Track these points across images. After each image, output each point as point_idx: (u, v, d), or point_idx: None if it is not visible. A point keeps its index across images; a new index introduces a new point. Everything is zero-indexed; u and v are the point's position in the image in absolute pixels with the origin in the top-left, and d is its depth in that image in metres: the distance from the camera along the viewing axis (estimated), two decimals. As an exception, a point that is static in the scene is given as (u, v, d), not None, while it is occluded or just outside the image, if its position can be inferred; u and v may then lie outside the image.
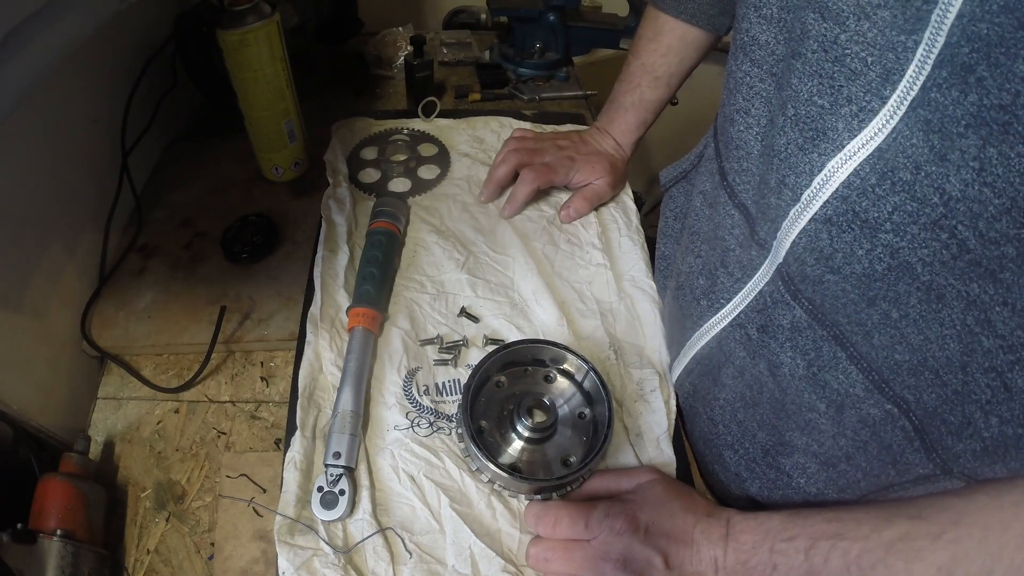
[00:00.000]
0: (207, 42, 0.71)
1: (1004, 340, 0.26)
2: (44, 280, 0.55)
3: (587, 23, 0.92)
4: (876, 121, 0.27)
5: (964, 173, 0.24)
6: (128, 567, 0.46)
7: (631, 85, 0.67)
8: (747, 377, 0.40)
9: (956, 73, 0.24)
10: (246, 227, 0.66)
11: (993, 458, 0.30)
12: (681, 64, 0.63)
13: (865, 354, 0.32)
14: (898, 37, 0.25)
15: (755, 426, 0.42)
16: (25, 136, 0.53)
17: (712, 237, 0.41)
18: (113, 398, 0.55)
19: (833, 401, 0.35)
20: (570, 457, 0.47)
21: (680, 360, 0.48)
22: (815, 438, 0.38)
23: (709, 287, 0.41)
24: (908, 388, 0.31)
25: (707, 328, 0.43)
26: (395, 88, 0.92)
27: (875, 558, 0.35)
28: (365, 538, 0.44)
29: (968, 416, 0.29)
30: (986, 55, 0.22)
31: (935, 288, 0.27)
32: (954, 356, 0.28)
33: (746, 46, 0.35)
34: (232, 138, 0.75)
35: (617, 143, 0.70)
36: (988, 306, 0.26)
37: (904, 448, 0.33)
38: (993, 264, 0.25)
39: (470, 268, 0.62)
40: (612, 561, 0.40)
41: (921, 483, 0.35)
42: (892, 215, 0.28)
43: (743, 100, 0.36)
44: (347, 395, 0.50)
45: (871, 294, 0.30)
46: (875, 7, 0.26)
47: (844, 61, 0.28)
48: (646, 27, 0.64)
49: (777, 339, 0.36)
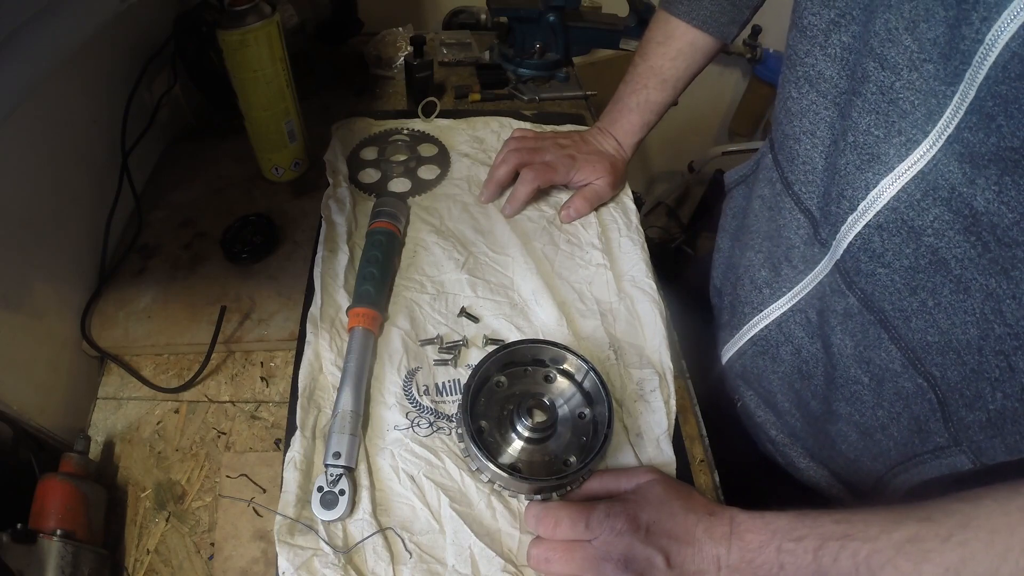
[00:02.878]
0: (207, 42, 0.71)
1: (1011, 328, 0.33)
2: (44, 280, 0.55)
3: (587, 23, 0.92)
4: (919, 149, 0.34)
5: (987, 193, 0.32)
6: (128, 567, 0.46)
7: (637, 86, 0.67)
8: (804, 354, 0.47)
9: (982, 120, 0.30)
10: (246, 227, 0.66)
11: (994, 430, 0.36)
12: (688, 69, 0.65)
13: (904, 336, 0.38)
14: (940, 87, 0.32)
15: (808, 395, 0.48)
16: (25, 136, 0.53)
17: (776, 235, 0.47)
18: (113, 398, 0.55)
19: (875, 375, 0.41)
20: (570, 457, 0.47)
21: (734, 343, 0.53)
22: (857, 408, 0.44)
23: (772, 278, 0.48)
24: (936, 365, 0.38)
25: (768, 312, 0.49)
26: (395, 88, 0.92)
27: (884, 559, 0.35)
28: (365, 538, 0.44)
29: (979, 391, 0.36)
30: (1004, 109, 0.29)
31: (963, 281, 0.34)
32: (973, 340, 0.35)
33: (812, 79, 0.42)
34: (232, 138, 0.75)
35: (619, 143, 0.70)
36: (1001, 299, 0.33)
37: (928, 418, 0.39)
38: (1007, 263, 0.32)
39: (470, 268, 0.62)
40: (613, 561, 0.40)
41: (937, 455, 0.40)
42: (933, 223, 0.35)
43: (809, 124, 0.43)
44: (347, 395, 0.50)
45: (913, 284, 0.37)
46: (923, 61, 0.33)
47: (897, 103, 0.35)
48: (656, 31, 0.65)
49: (831, 322, 0.43)
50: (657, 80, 0.66)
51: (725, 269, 0.59)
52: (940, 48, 0.31)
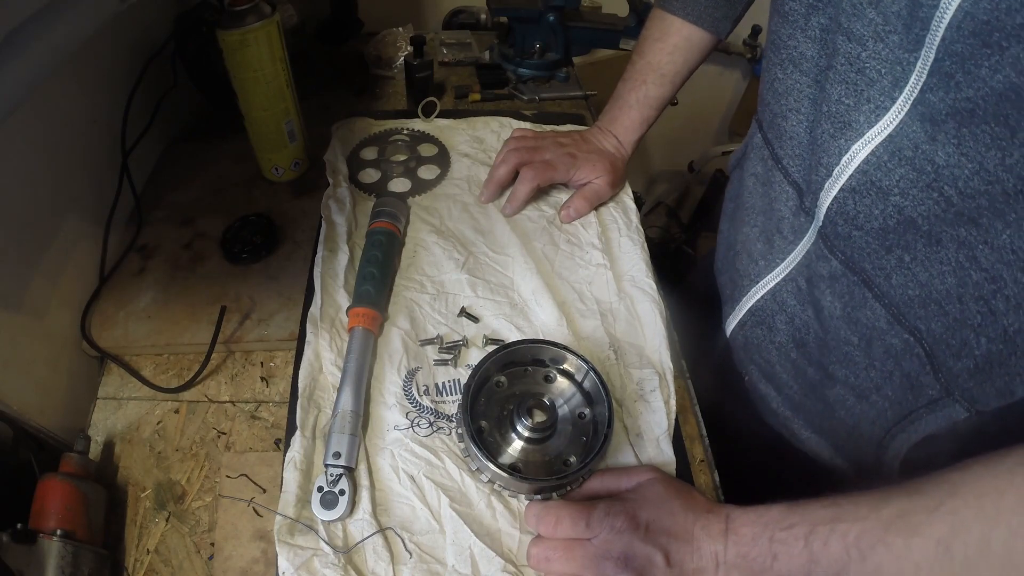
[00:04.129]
0: (207, 42, 0.71)
1: (987, 273, 0.35)
2: (44, 280, 0.55)
3: (587, 23, 0.92)
4: (888, 115, 0.36)
5: (947, 148, 0.34)
6: (128, 567, 0.46)
7: (636, 82, 0.68)
8: (796, 322, 0.49)
9: (942, 79, 0.32)
10: (246, 227, 0.66)
11: (983, 376, 0.38)
12: (686, 63, 0.66)
13: (886, 292, 0.40)
14: (903, 55, 0.34)
15: (804, 363, 0.50)
16: (25, 136, 0.53)
17: (768, 209, 0.49)
18: (113, 398, 0.55)
19: (864, 335, 0.43)
20: (570, 457, 0.47)
21: (735, 315, 0.56)
22: (852, 370, 0.46)
23: (767, 250, 0.50)
24: (919, 319, 0.39)
25: (764, 283, 0.51)
26: (395, 88, 0.92)
27: (874, 538, 0.35)
28: (365, 538, 0.44)
29: (964, 339, 0.37)
30: (961, 65, 0.31)
31: (934, 235, 0.36)
32: (952, 289, 0.37)
33: (795, 60, 0.44)
34: (232, 138, 0.75)
35: (619, 141, 0.70)
36: (974, 245, 0.34)
37: (919, 373, 0.41)
38: (973, 212, 0.34)
39: (470, 268, 0.62)
40: (613, 560, 0.40)
41: (932, 409, 0.41)
42: (899, 183, 0.37)
43: (794, 101, 0.45)
44: (347, 395, 0.50)
45: (887, 243, 0.39)
46: (887, 32, 0.35)
47: (865, 72, 0.37)
48: (652, 28, 0.67)
49: (819, 287, 0.45)
50: (656, 75, 0.67)
51: (726, 249, 0.61)
52: (903, 19, 0.33)
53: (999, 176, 0.32)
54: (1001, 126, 0.31)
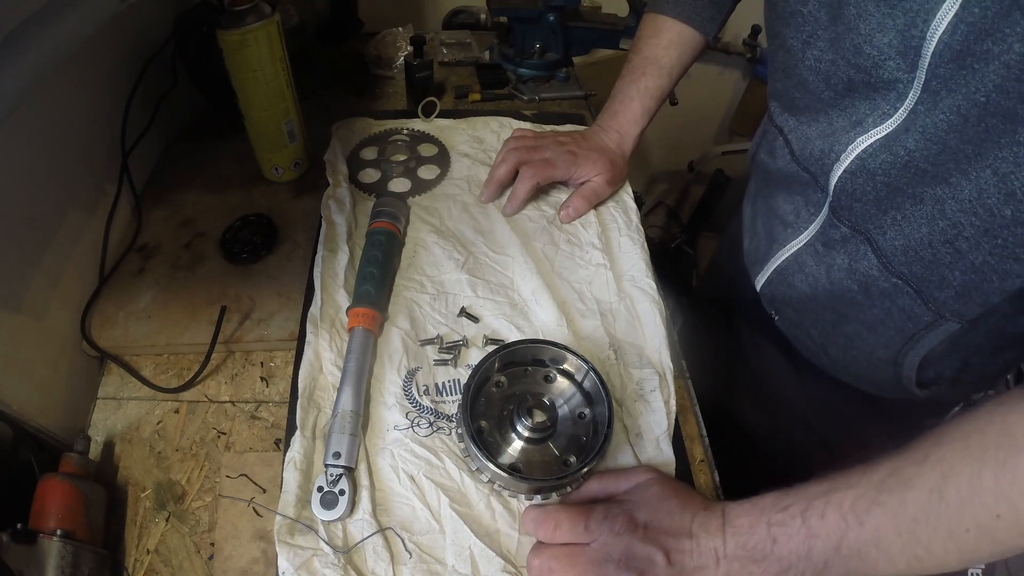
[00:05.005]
0: (207, 42, 0.71)
1: (950, 220, 0.41)
2: (44, 280, 0.55)
3: (587, 23, 0.93)
4: (891, 120, 0.43)
5: (916, 137, 0.41)
6: (128, 567, 0.46)
7: (636, 75, 0.71)
8: (810, 279, 0.56)
9: (930, 94, 0.40)
10: (246, 227, 0.66)
11: (965, 298, 0.44)
12: (680, 58, 0.70)
13: (881, 246, 0.47)
14: (903, 75, 0.41)
15: (821, 308, 0.57)
16: (25, 136, 0.53)
17: (800, 190, 0.56)
18: (113, 398, 0.55)
19: (862, 283, 0.51)
20: (570, 457, 0.47)
21: (763, 274, 0.63)
22: (858, 310, 0.53)
23: (795, 219, 0.57)
24: (902, 264, 0.47)
25: (790, 247, 0.58)
26: (395, 88, 0.92)
27: (869, 501, 0.36)
28: (365, 538, 0.44)
29: (941, 276, 0.44)
30: (944, 84, 0.38)
31: (916, 195, 0.43)
32: (924, 236, 0.44)
33: (797, 85, 0.50)
34: (232, 138, 0.75)
35: (620, 136, 0.71)
36: (944, 200, 0.41)
37: (912, 306, 0.48)
38: (944, 174, 0.40)
39: (470, 268, 0.62)
40: (615, 562, 0.40)
41: (930, 328, 0.48)
42: (880, 165, 0.44)
43: (817, 112, 0.51)
44: (347, 395, 0.50)
45: (882, 207, 0.46)
46: (883, 60, 0.41)
47: (877, 88, 0.43)
48: (645, 28, 0.71)
49: (835, 248, 0.52)
50: (654, 68, 0.70)
51: (752, 219, 0.68)
52: (896, 48, 0.40)
53: (960, 147, 0.39)
54: (956, 116, 0.38)
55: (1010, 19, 0.34)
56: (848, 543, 0.36)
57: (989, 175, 0.38)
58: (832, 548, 0.37)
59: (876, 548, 0.36)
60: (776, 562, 0.38)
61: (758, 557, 0.39)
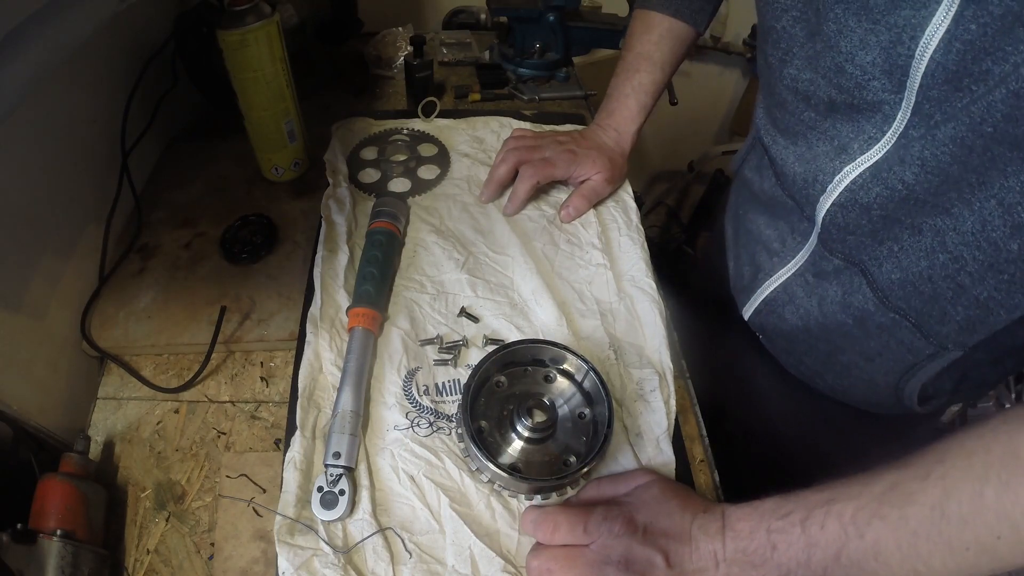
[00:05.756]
0: (207, 42, 0.71)
1: (951, 254, 0.40)
2: (44, 280, 0.55)
3: (587, 23, 0.92)
4: (878, 145, 0.41)
5: (913, 168, 0.39)
6: (128, 567, 0.46)
7: (630, 73, 0.71)
8: (800, 311, 0.54)
9: (923, 118, 0.38)
10: (246, 227, 0.66)
11: (969, 331, 0.44)
12: (672, 52, 0.70)
13: (877, 278, 0.46)
14: (888, 96, 0.39)
15: (814, 339, 0.56)
16: (25, 136, 0.53)
17: (783, 215, 0.55)
18: (113, 398, 0.55)
19: (856, 316, 0.49)
20: (570, 457, 0.47)
21: (751, 304, 0.61)
22: (854, 342, 0.52)
23: (781, 248, 0.55)
24: (900, 299, 0.45)
25: (776, 277, 0.56)
26: (395, 88, 0.92)
27: (869, 513, 0.36)
28: (365, 538, 0.44)
29: (943, 310, 0.43)
30: (938, 107, 0.37)
31: (915, 225, 0.41)
32: (923, 271, 0.42)
33: (806, 95, 0.46)
34: (232, 138, 0.75)
35: (618, 133, 0.71)
36: (945, 232, 0.40)
37: (912, 340, 0.47)
38: (945, 204, 0.39)
39: (470, 268, 0.62)
40: (614, 564, 0.40)
41: (932, 359, 0.47)
42: (876, 199, 0.42)
43: (801, 134, 0.49)
44: (347, 395, 0.50)
45: (878, 238, 0.44)
46: (867, 80, 0.39)
47: (861, 110, 0.41)
48: (635, 25, 0.72)
49: (827, 279, 0.51)
50: (647, 63, 0.70)
51: (735, 239, 0.66)
52: (880, 66, 0.38)
53: (963, 176, 0.37)
54: (959, 147, 0.36)
55: (1012, 36, 0.31)
56: (848, 553, 0.36)
57: (994, 206, 0.36)
58: (831, 558, 0.37)
59: (875, 560, 0.36)
60: (775, 568, 0.38)
61: (757, 562, 0.39)
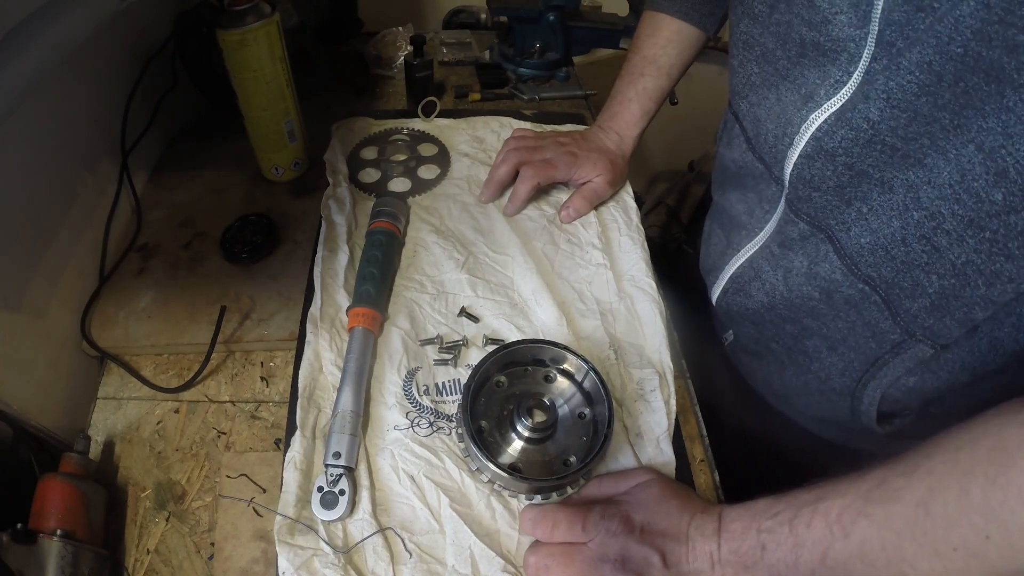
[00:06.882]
0: (207, 42, 0.71)
1: (927, 211, 0.36)
2: (44, 280, 0.55)
3: (587, 23, 0.92)
4: (844, 89, 0.39)
5: (878, 103, 0.36)
6: (128, 567, 0.46)
7: (634, 76, 0.70)
8: (767, 287, 0.51)
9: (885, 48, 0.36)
10: (246, 227, 0.66)
11: (941, 311, 0.39)
12: (679, 56, 0.69)
13: (844, 244, 0.42)
14: (854, 32, 0.37)
15: (780, 320, 0.52)
16: (25, 136, 0.53)
17: (752, 186, 0.52)
18: (113, 398, 0.55)
19: (823, 288, 0.45)
20: (570, 457, 0.47)
21: (719, 283, 0.58)
22: (821, 321, 0.48)
23: (749, 220, 0.53)
24: (870, 266, 0.41)
25: (744, 252, 0.54)
26: (395, 88, 0.92)
27: (855, 511, 0.35)
28: (365, 538, 0.44)
29: (915, 280, 0.39)
30: (900, 32, 0.34)
31: (885, 181, 0.38)
32: (896, 232, 0.39)
33: (767, 55, 0.46)
34: (232, 138, 0.75)
35: (620, 137, 0.71)
36: (919, 186, 0.36)
37: (878, 320, 0.43)
38: (918, 153, 0.36)
39: (470, 268, 0.62)
40: (611, 562, 0.40)
41: (896, 353, 0.43)
42: (841, 143, 0.39)
43: (768, 90, 0.47)
44: (347, 395, 0.50)
45: (846, 198, 0.41)
46: (834, 14, 0.38)
47: (826, 52, 0.40)
48: (643, 27, 0.71)
49: (793, 248, 0.47)
50: (652, 68, 0.69)
51: (711, 222, 0.64)
52: (848, 1, 0.37)
53: (935, 115, 0.34)
54: (925, 73, 0.33)
55: None
56: (834, 554, 0.35)
57: (973, 151, 0.33)
58: (818, 559, 0.36)
59: (861, 562, 0.35)
60: (766, 569, 0.38)
61: (749, 564, 0.39)
